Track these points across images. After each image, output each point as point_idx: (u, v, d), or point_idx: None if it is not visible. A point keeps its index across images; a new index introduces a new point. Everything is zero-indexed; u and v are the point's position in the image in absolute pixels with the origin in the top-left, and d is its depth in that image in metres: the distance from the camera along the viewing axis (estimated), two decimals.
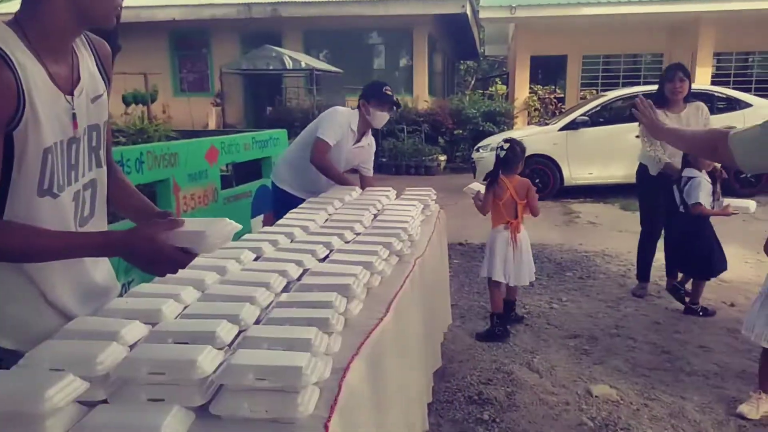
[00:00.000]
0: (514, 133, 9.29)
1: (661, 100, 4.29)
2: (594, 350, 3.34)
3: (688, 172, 3.83)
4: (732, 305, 4.05)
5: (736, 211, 3.92)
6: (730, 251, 5.32)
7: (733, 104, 8.20)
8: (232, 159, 4.66)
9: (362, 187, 3.38)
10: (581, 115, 8.32)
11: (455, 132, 12.10)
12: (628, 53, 15.40)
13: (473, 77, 27.11)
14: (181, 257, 1.25)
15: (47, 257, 1.24)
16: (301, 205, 2.92)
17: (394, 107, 3.59)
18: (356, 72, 13.92)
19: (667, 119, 4.20)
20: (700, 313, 3.87)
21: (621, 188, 7.71)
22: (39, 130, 1.18)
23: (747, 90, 12.62)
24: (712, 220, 3.92)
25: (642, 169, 4.46)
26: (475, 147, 9.40)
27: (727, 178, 4.38)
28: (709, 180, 3.82)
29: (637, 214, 4.48)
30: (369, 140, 3.66)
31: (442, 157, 11.85)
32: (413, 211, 2.77)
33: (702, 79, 12.92)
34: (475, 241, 6.03)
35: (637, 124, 3.18)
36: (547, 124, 9.24)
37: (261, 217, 4.87)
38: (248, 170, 5.19)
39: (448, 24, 15.52)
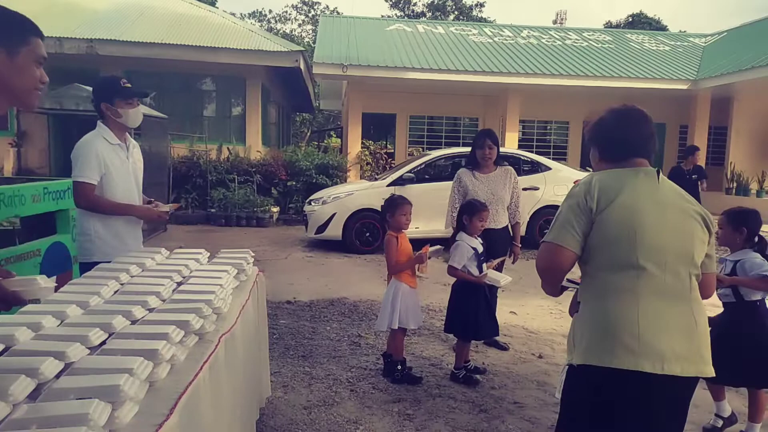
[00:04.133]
0: (344, 188, 9.39)
1: (473, 162, 4.60)
2: (417, 414, 3.28)
3: (458, 236, 3.88)
4: (540, 357, 4.30)
5: (489, 281, 3.83)
6: (534, 302, 5.81)
7: (536, 167, 9.17)
8: (15, 213, 3.96)
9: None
10: (408, 171, 8.69)
11: (288, 183, 11.96)
12: (449, 115, 16.76)
13: (309, 129, 27.48)
14: (9, 297, 1.52)
15: None
16: (86, 273, 2.49)
17: (145, 96, 3.38)
18: (184, 118, 13.25)
19: (476, 180, 4.49)
20: (462, 381, 3.72)
21: (444, 241, 8.09)
22: None
23: (546, 154, 14.39)
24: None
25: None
26: (308, 200, 9.32)
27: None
28: (475, 245, 3.81)
29: None
30: (134, 144, 3.33)
31: (275, 209, 11.59)
32: (224, 278, 2.49)
33: (510, 143, 14.43)
34: (304, 298, 5.82)
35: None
36: (377, 179, 9.49)
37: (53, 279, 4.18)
38: (38, 225, 4.47)
39: (282, 76, 15.58)
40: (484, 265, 3.84)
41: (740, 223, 3.09)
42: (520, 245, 4.65)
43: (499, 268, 4.22)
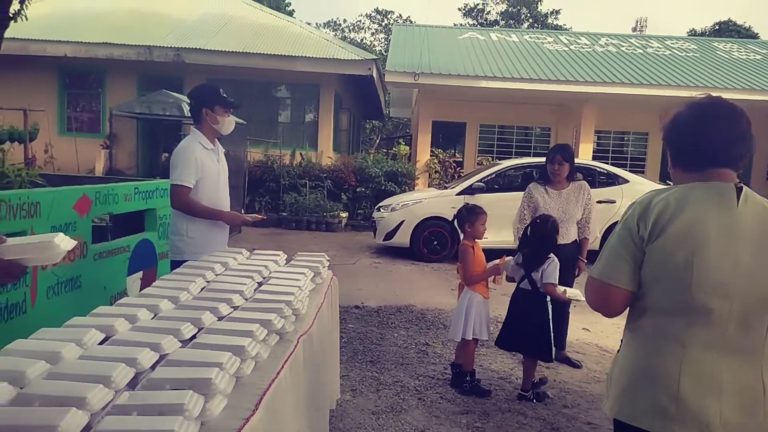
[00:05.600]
0: (413, 195, 9.41)
1: (545, 177, 4.49)
2: (486, 428, 3.23)
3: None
4: None
5: (571, 297, 3.64)
6: (607, 320, 5.58)
7: (612, 179, 8.84)
8: (109, 210, 4.23)
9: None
10: (478, 181, 8.61)
11: (357, 189, 12.12)
12: (521, 125, 16.47)
13: (378, 136, 27.76)
14: (13, 269, 1.40)
15: None
16: (176, 270, 2.63)
17: (238, 108, 3.55)
18: (261, 124, 13.71)
19: (548, 197, 4.38)
20: (533, 400, 3.61)
21: (513, 252, 7.95)
22: None
23: (623, 166, 13.84)
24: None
25: None
26: (377, 206, 9.40)
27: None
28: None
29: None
30: (222, 149, 3.53)
31: (344, 214, 11.77)
32: (302, 281, 2.56)
33: (584, 154, 14.00)
34: (372, 304, 5.87)
35: None
36: (446, 188, 9.46)
37: (140, 274, 4.45)
38: (129, 223, 4.76)
39: (354, 84, 15.84)
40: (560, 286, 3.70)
41: None
42: (585, 260, 4.49)
43: (569, 282, 4.09)
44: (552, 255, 3.67)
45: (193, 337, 1.81)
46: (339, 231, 11.31)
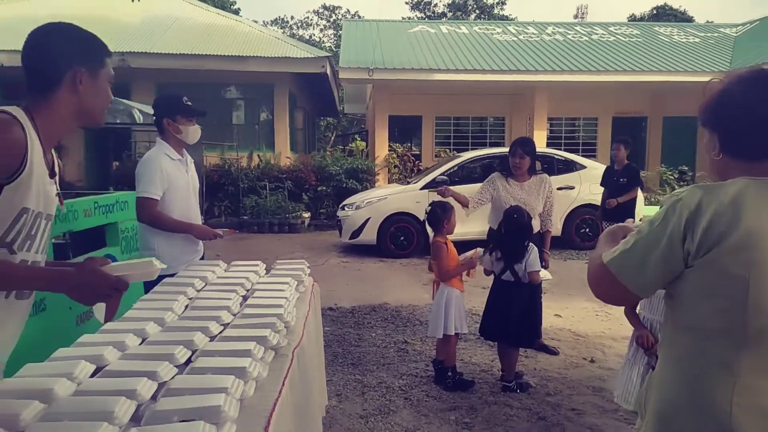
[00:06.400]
0: (377, 192, 9.39)
1: (508, 170, 4.55)
2: (475, 422, 3.26)
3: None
4: (592, 361, 4.24)
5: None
6: (578, 305, 5.74)
7: (570, 166, 9.07)
8: (69, 228, 4.04)
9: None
10: (440, 174, 8.66)
11: (319, 189, 12.03)
12: (475, 116, 16.66)
13: (333, 133, 27.61)
14: (121, 284, 1.48)
15: (11, 285, 1.44)
16: (155, 288, 2.53)
17: (203, 116, 3.44)
18: (215, 127, 13.38)
19: (509, 186, 4.45)
20: (517, 390, 3.67)
21: (478, 244, 8.04)
22: (26, 193, 1.40)
23: (575, 151, 14.20)
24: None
25: (491, 232, 4.68)
26: (341, 205, 9.35)
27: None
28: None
29: None
30: (190, 159, 3.45)
31: (306, 214, 11.66)
32: (287, 291, 2.51)
33: (539, 142, 14.11)
34: (345, 304, 5.83)
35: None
36: (408, 183, 9.49)
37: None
38: (89, 238, 4.56)
39: (307, 82, 15.68)
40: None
41: None
42: (549, 252, 4.57)
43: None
44: (530, 243, 3.73)
45: (188, 360, 1.75)
46: (303, 231, 11.20)
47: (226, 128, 13.92)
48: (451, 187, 4.57)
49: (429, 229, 3.95)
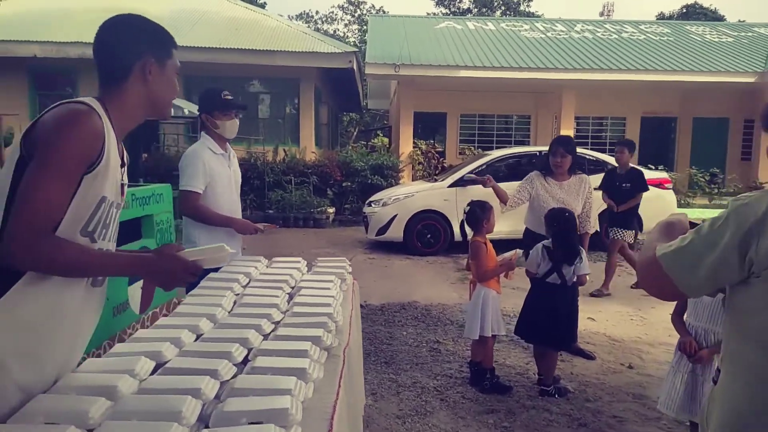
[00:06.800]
0: (404, 189, 9.34)
1: (546, 169, 4.48)
2: (514, 427, 3.20)
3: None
4: (630, 367, 4.15)
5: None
6: (611, 308, 5.64)
7: (601, 166, 8.90)
8: None
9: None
10: (468, 172, 8.57)
11: (344, 184, 12.01)
12: (501, 113, 16.52)
13: (356, 129, 27.60)
14: (196, 268, 1.55)
15: (89, 272, 1.44)
16: (200, 284, 2.52)
17: (244, 109, 3.46)
18: (241, 120, 13.42)
19: (548, 185, 4.38)
20: (555, 395, 3.59)
21: (508, 243, 7.96)
22: (103, 182, 1.41)
23: (602, 151, 13.99)
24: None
25: (527, 233, 4.61)
26: (367, 201, 9.32)
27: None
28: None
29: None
30: (233, 153, 3.41)
31: (331, 210, 11.66)
32: (333, 289, 2.49)
33: None
34: (374, 301, 5.80)
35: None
36: (435, 180, 9.42)
37: (140, 284, 4.30)
38: (125, 230, 4.59)
39: (333, 77, 15.66)
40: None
41: None
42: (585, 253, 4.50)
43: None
44: (581, 248, 3.70)
45: (245, 358, 1.73)
46: (327, 227, 11.20)
47: (252, 122, 13.97)
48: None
49: (468, 229, 3.88)
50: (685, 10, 30.84)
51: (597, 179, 8.64)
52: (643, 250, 1.47)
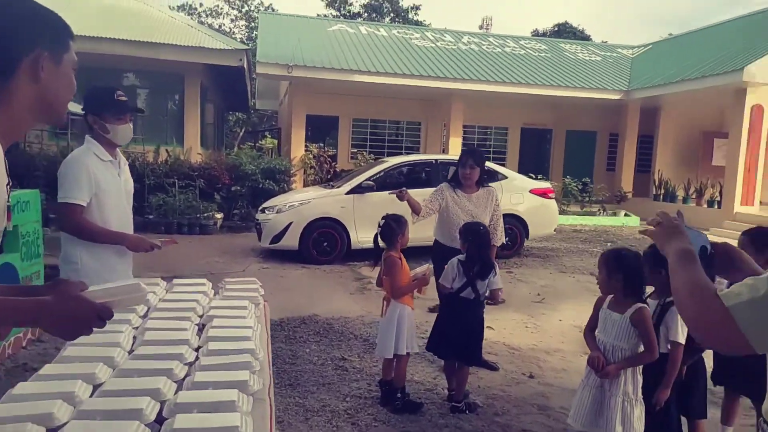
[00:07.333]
0: (299, 195, 9.09)
1: (455, 181, 4.52)
2: None
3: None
4: (531, 376, 4.27)
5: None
6: (508, 316, 5.82)
7: (492, 176, 9.24)
8: None
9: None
10: (367, 179, 8.51)
11: (233, 188, 11.46)
12: (392, 119, 16.74)
13: (242, 129, 26.66)
14: (106, 313, 1.29)
15: None
16: None
17: (140, 112, 3.20)
18: None
19: (457, 197, 4.43)
20: (466, 411, 3.56)
21: (420, 250, 8.00)
22: None
23: (487, 159, 14.66)
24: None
25: (437, 245, 4.62)
26: (260, 208, 8.93)
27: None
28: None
29: None
30: (124, 160, 3.05)
31: (219, 215, 11.07)
32: (249, 319, 2.25)
33: (454, 149, 14.59)
34: (273, 316, 5.50)
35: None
36: (331, 186, 9.26)
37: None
38: None
39: (221, 74, 14.97)
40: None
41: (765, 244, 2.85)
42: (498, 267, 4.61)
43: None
44: (495, 262, 3.73)
45: (159, 414, 1.47)
46: (215, 233, 10.61)
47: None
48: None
49: (381, 242, 3.76)
50: (557, 29, 33.30)
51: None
52: (688, 283, 1.25)
